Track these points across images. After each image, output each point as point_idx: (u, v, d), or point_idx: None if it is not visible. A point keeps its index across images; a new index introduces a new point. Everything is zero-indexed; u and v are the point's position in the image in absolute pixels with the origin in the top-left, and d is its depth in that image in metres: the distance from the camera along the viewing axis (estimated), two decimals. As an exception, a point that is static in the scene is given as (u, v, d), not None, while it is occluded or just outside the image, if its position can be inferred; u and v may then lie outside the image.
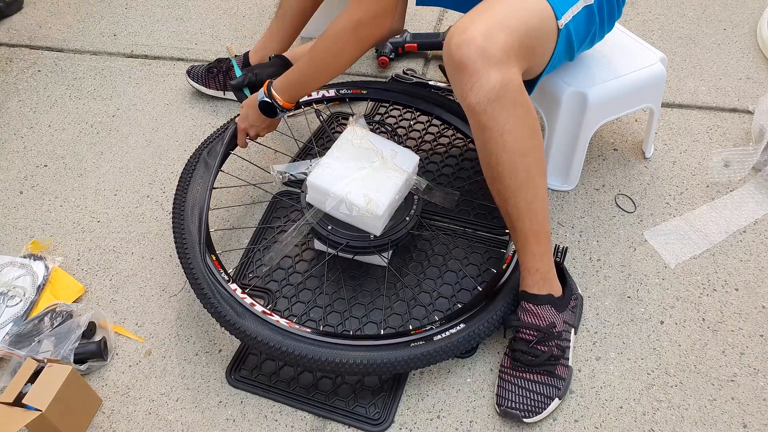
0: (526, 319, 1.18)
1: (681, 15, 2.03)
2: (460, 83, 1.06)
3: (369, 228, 1.31)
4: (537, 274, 1.18)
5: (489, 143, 1.09)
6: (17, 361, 1.28)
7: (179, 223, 1.31)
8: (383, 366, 1.13)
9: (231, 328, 1.18)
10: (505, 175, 1.11)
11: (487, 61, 1.03)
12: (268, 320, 1.18)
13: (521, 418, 1.15)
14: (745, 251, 1.40)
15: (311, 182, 1.30)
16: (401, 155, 1.37)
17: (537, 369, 1.17)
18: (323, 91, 1.61)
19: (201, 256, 1.25)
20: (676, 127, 1.68)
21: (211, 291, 1.21)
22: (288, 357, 1.14)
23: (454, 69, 1.06)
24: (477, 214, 1.50)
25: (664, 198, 1.52)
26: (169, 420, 1.24)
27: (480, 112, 1.06)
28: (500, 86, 1.04)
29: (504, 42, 1.05)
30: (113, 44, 2.15)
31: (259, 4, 2.26)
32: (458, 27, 1.07)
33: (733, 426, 1.15)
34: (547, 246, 1.18)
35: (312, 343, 1.15)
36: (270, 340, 1.15)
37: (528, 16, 1.12)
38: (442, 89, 1.82)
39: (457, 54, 1.05)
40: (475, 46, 1.03)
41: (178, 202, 1.35)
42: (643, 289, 1.35)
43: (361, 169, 1.32)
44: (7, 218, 1.64)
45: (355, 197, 1.27)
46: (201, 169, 1.40)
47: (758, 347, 1.25)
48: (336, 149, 1.36)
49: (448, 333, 1.18)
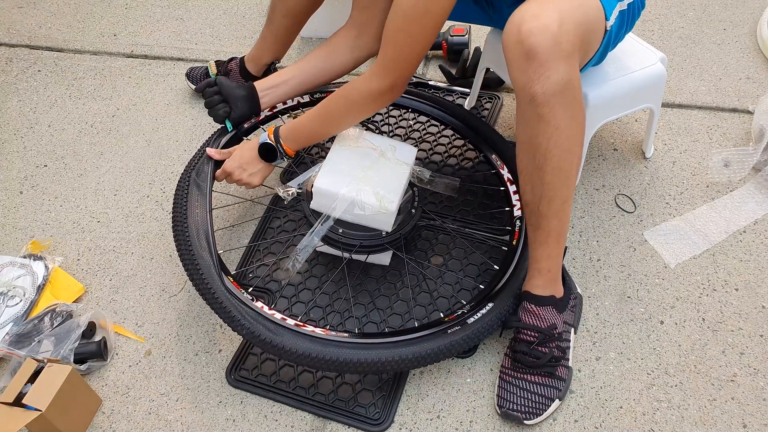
0: (528, 320, 1.18)
1: (681, 15, 2.03)
2: (526, 71, 1.02)
3: (381, 225, 1.30)
4: (548, 275, 1.18)
5: (540, 136, 1.06)
6: (17, 361, 1.28)
7: (187, 249, 1.24)
8: (428, 357, 1.13)
9: (268, 346, 1.14)
10: (547, 171, 1.09)
11: (559, 51, 1.00)
12: (303, 332, 1.15)
13: (522, 420, 1.15)
14: (745, 251, 1.40)
15: (318, 188, 1.29)
16: (400, 149, 1.37)
17: (538, 371, 1.17)
18: (298, 97, 1.56)
19: (220, 280, 1.20)
20: (676, 127, 1.68)
21: (239, 313, 1.16)
22: (332, 365, 1.12)
23: (522, 56, 1.02)
24: (480, 203, 1.51)
25: (664, 198, 1.52)
26: (169, 420, 1.24)
27: (542, 103, 1.03)
28: (567, 80, 1.02)
29: (573, 34, 1.02)
30: (113, 44, 2.15)
31: (259, 4, 2.26)
32: (528, 11, 1.02)
33: (733, 426, 1.15)
34: (562, 248, 1.18)
35: (354, 347, 1.13)
36: (311, 352, 1.12)
37: (588, 12, 1.10)
38: (442, 89, 1.83)
39: (528, 41, 1.00)
40: (550, 34, 0.99)
41: (181, 228, 1.28)
42: (643, 289, 1.35)
43: (364, 168, 1.32)
44: (7, 218, 1.64)
45: (366, 196, 1.27)
46: (195, 192, 1.34)
47: (758, 347, 1.25)
48: (334, 153, 1.35)
49: (479, 314, 1.19)
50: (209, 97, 1.45)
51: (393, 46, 1.17)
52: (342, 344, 1.13)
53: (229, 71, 1.81)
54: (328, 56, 1.45)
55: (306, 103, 1.56)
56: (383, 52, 1.19)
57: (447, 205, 1.53)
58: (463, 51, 1.86)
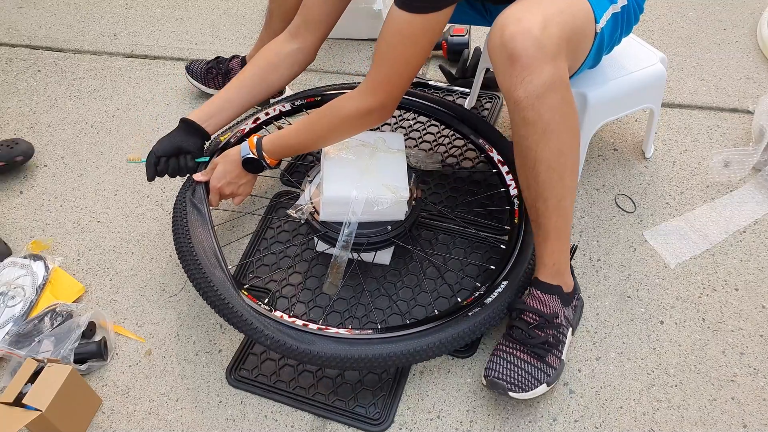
0: (532, 304, 1.18)
1: (681, 15, 2.03)
2: (510, 75, 1.03)
3: (394, 216, 1.31)
4: (553, 268, 1.19)
5: (529, 139, 1.07)
6: (17, 361, 1.28)
7: (198, 269, 1.23)
8: (453, 341, 1.15)
9: (296, 354, 1.15)
10: (541, 171, 1.09)
11: (542, 54, 1.00)
12: (327, 334, 1.16)
13: (507, 390, 1.13)
14: (745, 251, 1.40)
15: (327, 198, 1.29)
16: (388, 138, 1.38)
17: (529, 350, 1.17)
18: (279, 106, 1.57)
19: (238, 296, 1.20)
20: (676, 127, 1.68)
21: (262, 325, 1.17)
22: (363, 363, 1.13)
23: (505, 60, 1.02)
24: (468, 190, 1.51)
25: (664, 198, 1.52)
26: (169, 420, 1.24)
27: (527, 107, 1.03)
28: (551, 82, 1.02)
29: (558, 36, 1.02)
30: (113, 44, 2.15)
31: (259, 4, 2.26)
32: (511, 16, 1.03)
33: (733, 426, 1.15)
34: (567, 243, 1.19)
35: (381, 342, 1.14)
36: (339, 352, 1.13)
37: (575, 14, 1.10)
38: (442, 89, 1.83)
39: (511, 44, 1.00)
40: (532, 37, 0.99)
41: (186, 250, 1.27)
42: (643, 289, 1.35)
43: (363, 166, 1.32)
44: (7, 218, 1.64)
45: (378, 191, 1.28)
46: (194, 213, 1.32)
47: (758, 347, 1.25)
48: (327, 160, 1.35)
49: (496, 294, 1.21)
50: (168, 170, 1.37)
51: (385, 63, 1.15)
52: (368, 342, 1.15)
53: (231, 69, 1.81)
54: (267, 74, 1.42)
55: (288, 111, 1.56)
56: (375, 70, 1.17)
57: (451, 195, 1.54)
58: (463, 51, 1.86)
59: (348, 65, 1.98)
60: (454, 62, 1.91)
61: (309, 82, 1.91)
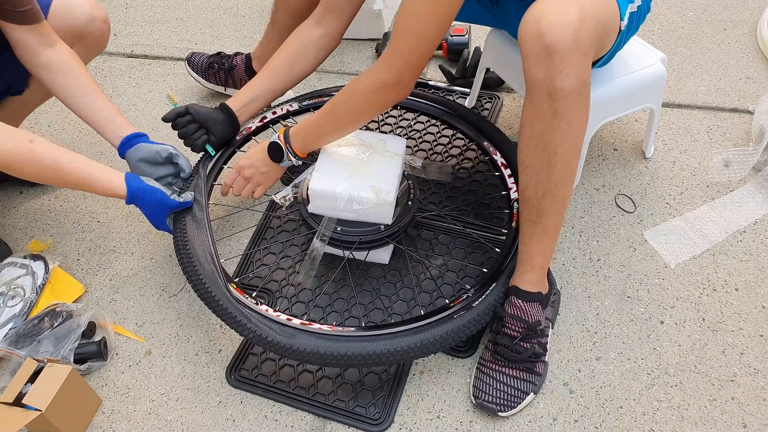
0: (514, 313, 1.18)
1: (681, 15, 2.03)
2: (546, 66, 1.00)
3: (380, 219, 1.31)
4: (540, 272, 1.19)
5: (554, 132, 1.05)
6: (17, 361, 1.28)
7: (188, 261, 1.27)
8: (437, 343, 1.14)
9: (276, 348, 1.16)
10: (555, 167, 1.08)
11: (579, 48, 0.99)
12: (309, 330, 1.16)
13: (496, 411, 1.16)
14: (745, 251, 1.40)
15: (314, 190, 1.29)
16: (389, 141, 1.38)
17: (518, 365, 1.18)
18: (287, 106, 1.57)
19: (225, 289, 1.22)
20: (676, 127, 1.68)
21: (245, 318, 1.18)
22: (343, 361, 1.13)
23: (541, 50, 1.00)
24: (469, 190, 1.51)
25: (664, 198, 1.52)
26: (169, 420, 1.24)
27: (560, 98, 1.02)
28: (584, 78, 1.01)
29: (593, 32, 1.02)
30: (113, 44, 2.15)
31: (259, 4, 2.26)
32: (549, 7, 1.01)
33: (733, 426, 1.15)
34: (555, 244, 1.19)
35: (363, 340, 1.14)
36: (319, 348, 1.13)
37: (607, 10, 1.09)
38: (442, 89, 1.82)
39: (549, 35, 0.98)
40: (572, 30, 0.98)
41: (181, 244, 1.30)
42: (643, 289, 1.35)
43: (357, 165, 1.32)
44: (7, 218, 1.63)
45: (363, 191, 1.27)
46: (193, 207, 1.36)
47: (758, 347, 1.25)
48: (324, 155, 1.35)
49: (483, 296, 1.20)
50: (184, 127, 1.42)
51: (401, 32, 1.14)
52: (350, 339, 1.15)
53: (234, 66, 1.81)
54: (295, 61, 1.43)
55: (296, 110, 1.56)
56: (392, 42, 1.16)
57: (450, 195, 1.54)
58: (463, 51, 1.86)
59: (348, 65, 1.98)
60: (454, 62, 1.91)
61: (308, 82, 1.91)
